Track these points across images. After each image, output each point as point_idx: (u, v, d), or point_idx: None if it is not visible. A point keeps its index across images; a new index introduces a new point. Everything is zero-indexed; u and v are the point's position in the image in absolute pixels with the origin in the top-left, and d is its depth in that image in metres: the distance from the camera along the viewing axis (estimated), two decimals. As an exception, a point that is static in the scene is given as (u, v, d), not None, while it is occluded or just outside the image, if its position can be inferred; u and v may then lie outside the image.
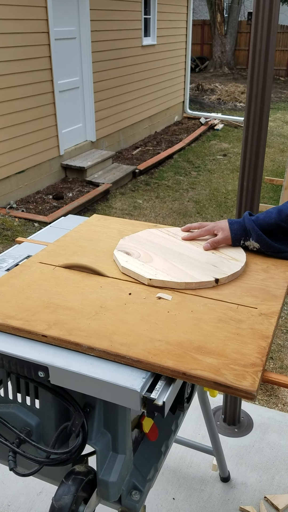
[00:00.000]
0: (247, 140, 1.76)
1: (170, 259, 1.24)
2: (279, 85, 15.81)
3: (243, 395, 0.83)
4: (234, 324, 1.01)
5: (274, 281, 1.18)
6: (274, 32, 1.63)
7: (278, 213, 1.23)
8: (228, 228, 1.29)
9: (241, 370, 0.87)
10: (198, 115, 10.50)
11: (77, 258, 1.29)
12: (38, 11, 5.38)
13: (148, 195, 6.08)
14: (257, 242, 1.27)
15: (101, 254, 1.31)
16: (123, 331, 0.97)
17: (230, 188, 6.36)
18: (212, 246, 1.30)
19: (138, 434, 1.20)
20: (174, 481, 1.99)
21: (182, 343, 0.94)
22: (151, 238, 1.38)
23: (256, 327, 0.99)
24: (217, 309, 1.06)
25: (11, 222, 4.97)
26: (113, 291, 1.13)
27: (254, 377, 0.85)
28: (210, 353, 0.91)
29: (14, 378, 1.03)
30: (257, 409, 2.39)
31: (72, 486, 0.96)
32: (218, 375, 0.85)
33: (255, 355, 0.91)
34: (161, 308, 1.06)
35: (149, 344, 0.93)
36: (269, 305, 1.08)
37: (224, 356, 0.90)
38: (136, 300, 1.09)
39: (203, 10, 22.26)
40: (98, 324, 1.00)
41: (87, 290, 1.13)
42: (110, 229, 1.50)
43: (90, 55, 6.54)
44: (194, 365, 0.88)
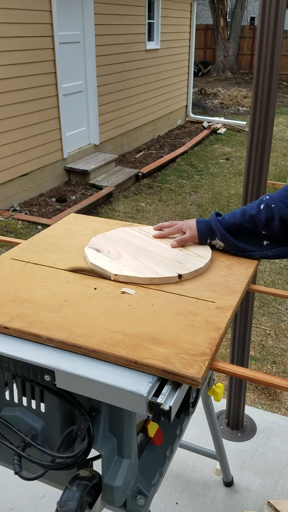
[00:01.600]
0: (252, 145, 1.76)
1: (138, 256, 1.28)
2: (282, 89, 15.84)
3: (189, 382, 0.87)
4: (190, 316, 1.05)
5: (236, 277, 1.22)
6: (280, 38, 1.63)
7: (242, 213, 1.27)
8: (196, 227, 1.34)
9: (190, 359, 0.91)
10: (201, 119, 10.52)
11: (49, 255, 1.32)
12: (42, 15, 5.41)
13: (151, 199, 6.09)
14: (221, 241, 1.31)
15: (73, 251, 1.35)
16: (83, 324, 1.01)
17: (233, 191, 6.36)
18: (179, 244, 1.34)
19: (143, 438, 1.20)
20: (177, 485, 1.98)
21: (138, 334, 0.98)
22: (123, 236, 1.41)
23: (211, 320, 1.04)
24: (177, 303, 1.10)
25: (15, 224, 4.98)
26: (80, 286, 1.16)
27: (201, 365, 0.89)
28: (163, 344, 0.95)
29: (19, 381, 1.03)
30: (260, 414, 2.38)
31: (77, 492, 0.96)
32: (167, 363, 0.89)
33: (206, 345, 0.95)
34: (123, 302, 1.10)
35: (107, 335, 0.97)
36: (226, 299, 1.12)
37: (176, 346, 0.94)
38: (101, 294, 1.13)
39: (206, 14, 22.32)
40: (60, 317, 1.03)
41: (54, 285, 1.16)
42: (85, 228, 1.53)
43: (94, 59, 6.56)
44: (146, 354, 0.92)
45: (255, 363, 2.98)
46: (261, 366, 2.96)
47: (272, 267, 4.27)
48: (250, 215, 1.25)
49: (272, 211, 1.21)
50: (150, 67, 8.39)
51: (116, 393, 0.87)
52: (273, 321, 3.45)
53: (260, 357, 3.03)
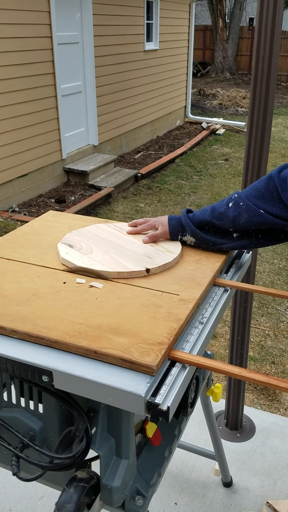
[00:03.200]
0: (250, 146, 1.77)
1: (109, 251, 1.30)
2: (280, 90, 15.85)
3: (144, 369, 0.89)
4: (153, 308, 1.07)
5: (202, 271, 1.25)
6: (278, 39, 1.63)
7: (211, 211, 1.30)
8: (167, 223, 1.37)
9: (148, 348, 0.93)
10: (200, 120, 10.52)
11: (23, 251, 1.34)
12: (41, 16, 5.41)
13: (150, 199, 6.09)
14: (192, 237, 1.34)
15: (46, 247, 1.36)
16: (49, 316, 1.02)
17: (232, 192, 6.36)
18: (150, 239, 1.37)
19: (142, 439, 1.20)
20: (176, 486, 1.98)
21: (101, 326, 1.00)
22: (98, 232, 1.43)
23: (173, 311, 1.06)
24: (142, 296, 1.12)
25: (14, 225, 4.98)
26: (49, 280, 1.17)
27: (158, 354, 0.91)
28: (124, 334, 0.97)
29: (17, 382, 1.03)
30: (259, 414, 2.38)
31: (74, 494, 0.96)
32: (125, 352, 0.91)
33: (164, 335, 0.97)
34: (90, 295, 1.11)
35: (70, 327, 0.98)
36: (191, 292, 1.14)
37: (136, 336, 0.96)
38: (69, 288, 1.14)
39: (205, 15, 22.35)
40: (26, 310, 1.05)
41: (24, 279, 1.18)
42: (61, 224, 1.54)
43: (93, 60, 6.56)
44: (106, 344, 0.94)
45: (254, 363, 2.98)
46: (260, 366, 2.96)
47: (271, 268, 4.27)
48: (219, 213, 1.29)
49: (240, 209, 1.25)
50: (149, 68, 8.40)
51: (114, 393, 0.87)
52: (272, 321, 3.45)
53: (259, 358, 3.03)
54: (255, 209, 1.23)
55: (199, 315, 1.11)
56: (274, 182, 1.21)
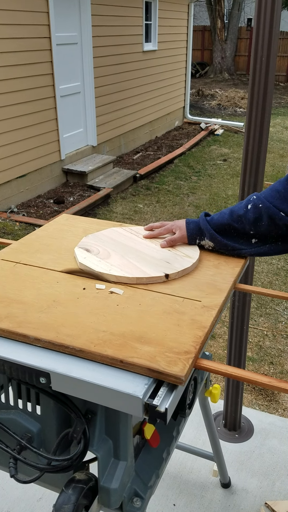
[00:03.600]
0: (248, 146, 1.77)
1: (127, 256, 1.29)
2: (279, 90, 15.87)
3: (173, 380, 0.87)
4: (176, 315, 1.05)
5: (222, 276, 1.23)
6: (276, 39, 1.64)
7: (230, 213, 1.28)
8: (185, 227, 1.35)
9: (174, 357, 0.92)
10: (198, 120, 10.53)
11: (39, 255, 1.32)
12: (40, 16, 5.41)
13: (148, 200, 6.09)
14: (210, 241, 1.32)
15: (63, 252, 1.35)
16: (71, 323, 1.01)
17: (230, 193, 6.37)
18: (168, 244, 1.35)
19: (140, 440, 1.20)
20: (175, 487, 1.98)
21: (124, 334, 0.98)
22: (114, 236, 1.42)
23: (197, 318, 1.04)
24: (164, 302, 1.11)
25: (12, 226, 4.97)
26: (69, 286, 1.16)
27: (185, 363, 0.90)
28: (149, 343, 0.96)
29: (15, 384, 1.03)
30: (258, 415, 2.38)
31: (72, 495, 0.96)
32: (152, 362, 0.90)
33: (190, 344, 0.96)
34: (111, 302, 1.10)
35: (94, 335, 0.97)
36: (212, 298, 1.13)
37: (161, 345, 0.95)
38: (89, 294, 1.13)
39: (204, 16, 22.37)
40: (48, 317, 1.03)
41: (43, 285, 1.17)
42: (76, 228, 1.53)
43: (91, 60, 6.56)
44: (132, 353, 0.92)
45: (253, 364, 2.98)
46: (258, 367, 2.96)
47: (270, 268, 4.27)
48: (238, 215, 1.26)
49: (260, 211, 1.22)
50: (147, 69, 8.40)
51: (112, 395, 0.87)
52: (270, 322, 3.45)
53: (258, 358, 3.03)
54: (275, 211, 1.20)
55: None
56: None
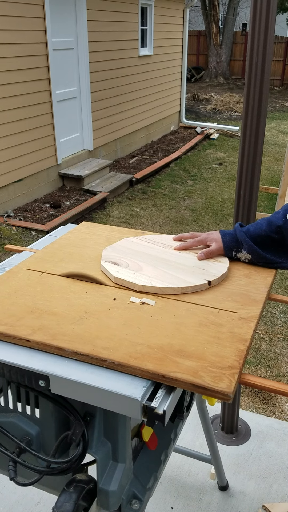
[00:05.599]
0: (243, 150, 1.78)
1: (159, 266, 1.26)
2: (274, 94, 15.96)
3: (220, 396, 0.85)
4: (214, 328, 1.03)
5: (255, 286, 1.20)
6: (271, 44, 1.65)
7: (268, 224, 1.24)
8: (221, 239, 1.31)
9: (219, 372, 0.89)
10: (194, 125, 10.57)
11: (64, 265, 1.30)
12: (36, 22, 5.43)
13: (145, 204, 6.11)
14: (249, 253, 1.28)
15: (88, 261, 1.33)
16: (106, 336, 0.99)
17: (226, 196, 6.40)
18: (206, 256, 1.31)
19: (138, 443, 1.20)
20: (172, 490, 1.98)
21: (162, 347, 0.96)
22: (132, 247, 1.40)
23: (236, 331, 1.02)
24: (199, 314, 1.08)
25: (9, 230, 4.97)
26: (98, 297, 1.14)
27: (231, 379, 0.87)
28: (189, 356, 0.93)
29: (14, 387, 1.03)
30: (255, 417, 2.39)
31: (74, 493, 0.96)
32: (196, 377, 0.87)
33: (233, 358, 0.93)
34: (144, 313, 1.08)
35: (131, 348, 0.95)
36: (248, 309, 1.10)
37: (203, 359, 0.92)
38: (120, 305, 1.11)
39: (199, 21, 22.49)
40: (81, 328, 1.01)
41: (72, 295, 1.14)
42: (98, 236, 1.51)
43: (87, 65, 6.59)
44: (173, 368, 0.90)
45: (250, 367, 2.99)
46: (255, 370, 2.97)
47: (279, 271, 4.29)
48: (277, 226, 1.21)
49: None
50: (143, 73, 8.43)
51: (110, 397, 0.88)
52: (267, 324, 3.46)
53: (254, 361, 3.04)
54: None
55: None
56: None
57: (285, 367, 2.99)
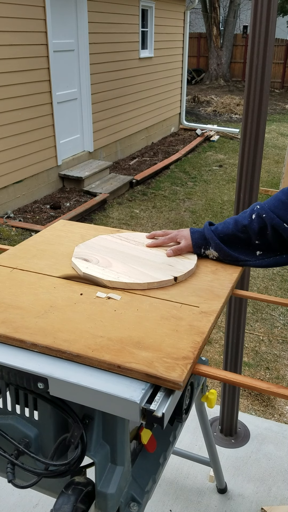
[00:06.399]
0: (243, 153, 1.78)
1: (128, 263, 1.29)
2: (274, 97, 15.98)
3: (171, 385, 0.88)
4: (174, 321, 1.06)
5: (220, 282, 1.23)
6: (271, 46, 1.66)
7: (234, 224, 1.27)
8: (190, 237, 1.35)
9: (173, 362, 0.92)
10: (194, 127, 10.58)
11: (36, 261, 1.33)
12: (37, 23, 5.44)
13: (145, 205, 6.11)
14: (216, 251, 1.32)
15: (60, 257, 1.35)
16: (68, 329, 1.01)
17: (226, 198, 6.40)
18: (175, 253, 1.35)
19: (137, 445, 1.20)
20: (171, 492, 1.98)
21: (122, 339, 0.98)
22: (105, 244, 1.42)
23: (195, 324, 1.05)
24: (162, 308, 1.11)
25: (8, 231, 4.97)
26: (66, 292, 1.16)
27: (183, 369, 0.90)
28: (146, 348, 0.96)
29: (13, 389, 1.03)
30: (254, 420, 2.39)
31: (72, 496, 0.96)
32: (150, 367, 0.90)
33: (188, 349, 0.96)
34: (109, 307, 1.10)
35: (91, 340, 0.98)
36: (210, 304, 1.13)
37: (159, 351, 0.95)
38: (86, 300, 1.13)
39: (200, 23, 22.53)
40: (45, 322, 1.03)
41: (40, 291, 1.17)
42: (73, 234, 1.54)
43: (88, 67, 6.60)
44: (129, 358, 0.92)
45: (249, 369, 2.99)
46: (254, 372, 2.97)
47: (265, 273, 4.29)
48: (243, 225, 1.25)
49: (264, 221, 1.21)
50: (143, 75, 8.44)
51: (109, 400, 0.88)
52: (266, 327, 3.46)
53: (254, 363, 3.04)
54: (278, 222, 1.18)
55: None
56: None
57: (284, 369, 2.99)
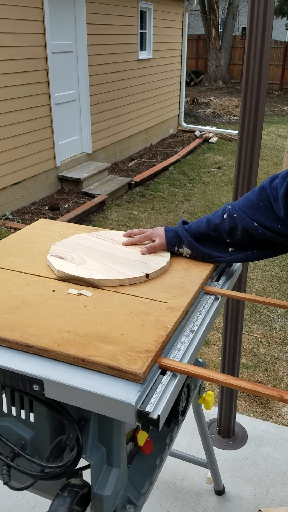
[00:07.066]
0: (240, 154, 1.79)
1: (102, 260, 1.31)
2: (272, 99, 16.01)
3: (131, 377, 0.90)
4: (142, 316, 1.07)
5: (190, 279, 1.25)
6: (268, 48, 1.66)
7: (207, 222, 1.30)
8: (164, 235, 1.37)
9: (135, 355, 0.94)
10: (193, 128, 10.59)
11: (13, 259, 1.33)
12: (35, 25, 5.45)
13: (143, 207, 6.11)
14: (189, 249, 1.34)
15: (36, 255, 1.36)
16: (37, 324, 1.02)
17: (225, 200, 6.40)
18: (149, 251, 1.37)
19: (133, 447, 1.20)
20: (169, 494, 1.98)
21: (89, 334, 1.00)
22: (82, 242, 1.43)
23: (161, 319, 1.06)
24: (131, 304, 1.12)
25: (7, 233, 4.97)
26: (38, 289, 1.17)
27: (145, 361, 0.92)
28: (112, 342, 0.97)
29: (8, 391, 1.03)
30: (252, 422, 2.38)
31: (68, 497, 0.96)
32: (113, 360, 0.92)
33: (152, 343, 0.98)
34: (79, 303, 1.11)
35: (58, 335, 0.99)
36: (178, 299, 1.15)
37: (123, 344, 0.97)
38: (58, 296, 1.14)
39: (198, 25, 22.57)
40: (15, 318, 1.04)
41: (13, 287, 1.18)
42: (52, 232, 1.55)
43: (86, 69, 6.60)
44: (93, 352, 0.94)
45: (247, 370, 2.99)
46: (252, 374, 2.97)
47: (264, 275, 4.29)
48: (215, 224, 1.28)
49: (235, 221, 1.25)
50: (142, 77, 8.45)
51: (104, 402, 0.87)
52: (264, 328, 3.46)
53: (252, 365, 3.04)
54: (248, 221, 1.22)
55: (190, 323, 1.11)
56: (267, 192, 1.20)
57: (282, 371, 2.99)
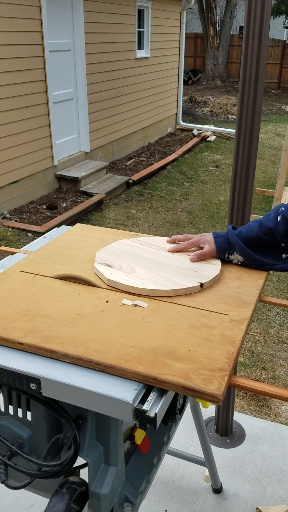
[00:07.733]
0: (238, 153, 1.79)
1: (152, 269, 1.27)
2: (270, 97, 16.01)
3: (209, 399, 0.85)
4: (205, 330, 1.03)
5: (247, 289, 1.21)
6: (265, 47, 1.66)
7: (259, 226, 1.25)
8: (214, 241, 1.32)
9: (209, 374, 0.89)
10: (191, 127, 10.59)
11: (58, 267, 1.30)
12: (33, 23, 5.43)
13: (141, 205, 6.11)
14: (241, 256, 1.29)
15: (81, 263, 1.33)
16: (98, 338, 0.99)
17: (223, 199, 6.41)
18: (199, 258, 1.31)
19: (130, 445, 1.20)
20: (166, 492, 1.98)
21: (154, 349, 0.96)
22: (126, 249, 1.40)
23: (226, 333, 1.02)
24: (191, 316, 1.08)
25: (5, 232, 4.96)
26: (91, 299, 1.14)
27: (221, 381, 0.88)
28: (180, 359, 0.93)
29: (5, 390, 1.03)
30: (249, 420, 2.39)
31: (66, 494, 0.96)
32: (186, 379, 0.88)
33: (223, 360, 0.94)
34: (136, 315, 1.08)
35: (123, 351, 0.95)
36: (240, 311, 1.11)
37: (193, 361, 0.93)
38: (113, 307, 1.11)
39: (196, 23, 22.56)
40: (74, 331, 1.01)
41: (65, 298, 1.14)
42: (92, 238, 1.52)
43: (84, 67, 6.59)
44: (164, 370, 0.90)
45: (245, 369, 2.99)
46: (250, 372, 2.97)
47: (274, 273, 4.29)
48: (268, 228, 1.22)
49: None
50: (140, 75, 8.44)
51: (102, 400, 0.88)
52: (262, 327, 3.47)
53: (250, 363, 3.05)
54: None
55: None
56: None
57: (280, 369, 3.00)
